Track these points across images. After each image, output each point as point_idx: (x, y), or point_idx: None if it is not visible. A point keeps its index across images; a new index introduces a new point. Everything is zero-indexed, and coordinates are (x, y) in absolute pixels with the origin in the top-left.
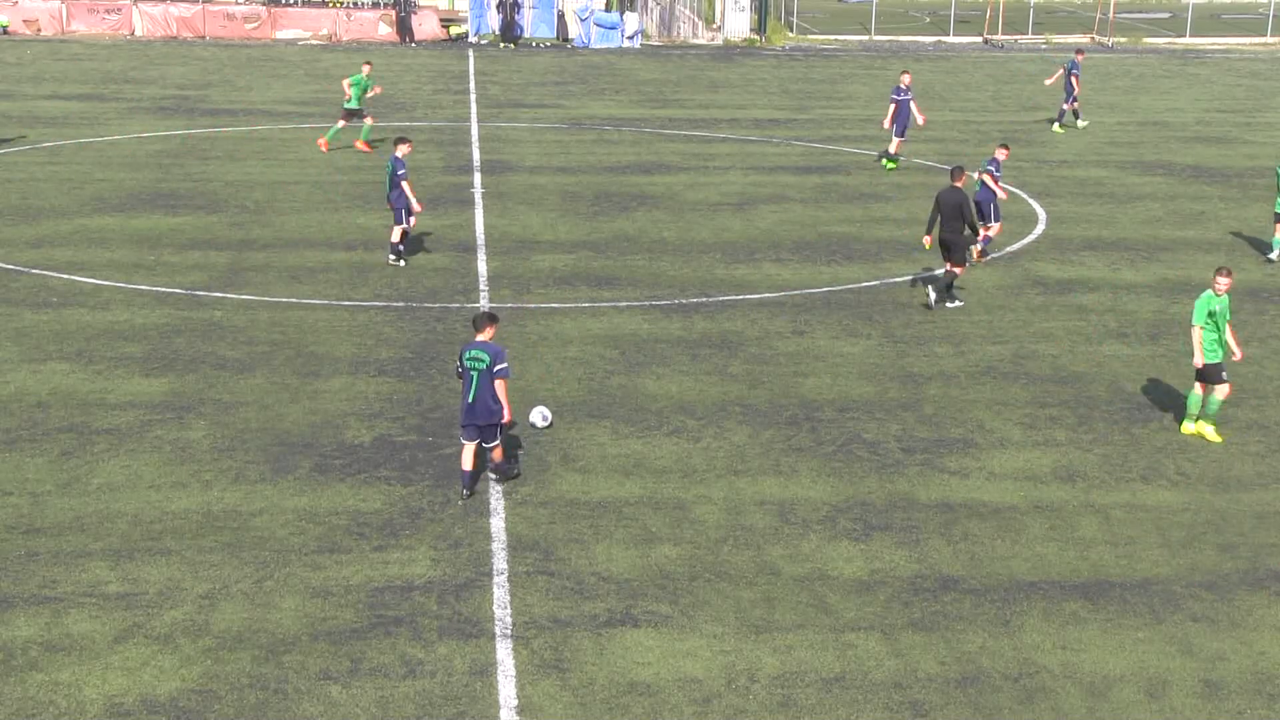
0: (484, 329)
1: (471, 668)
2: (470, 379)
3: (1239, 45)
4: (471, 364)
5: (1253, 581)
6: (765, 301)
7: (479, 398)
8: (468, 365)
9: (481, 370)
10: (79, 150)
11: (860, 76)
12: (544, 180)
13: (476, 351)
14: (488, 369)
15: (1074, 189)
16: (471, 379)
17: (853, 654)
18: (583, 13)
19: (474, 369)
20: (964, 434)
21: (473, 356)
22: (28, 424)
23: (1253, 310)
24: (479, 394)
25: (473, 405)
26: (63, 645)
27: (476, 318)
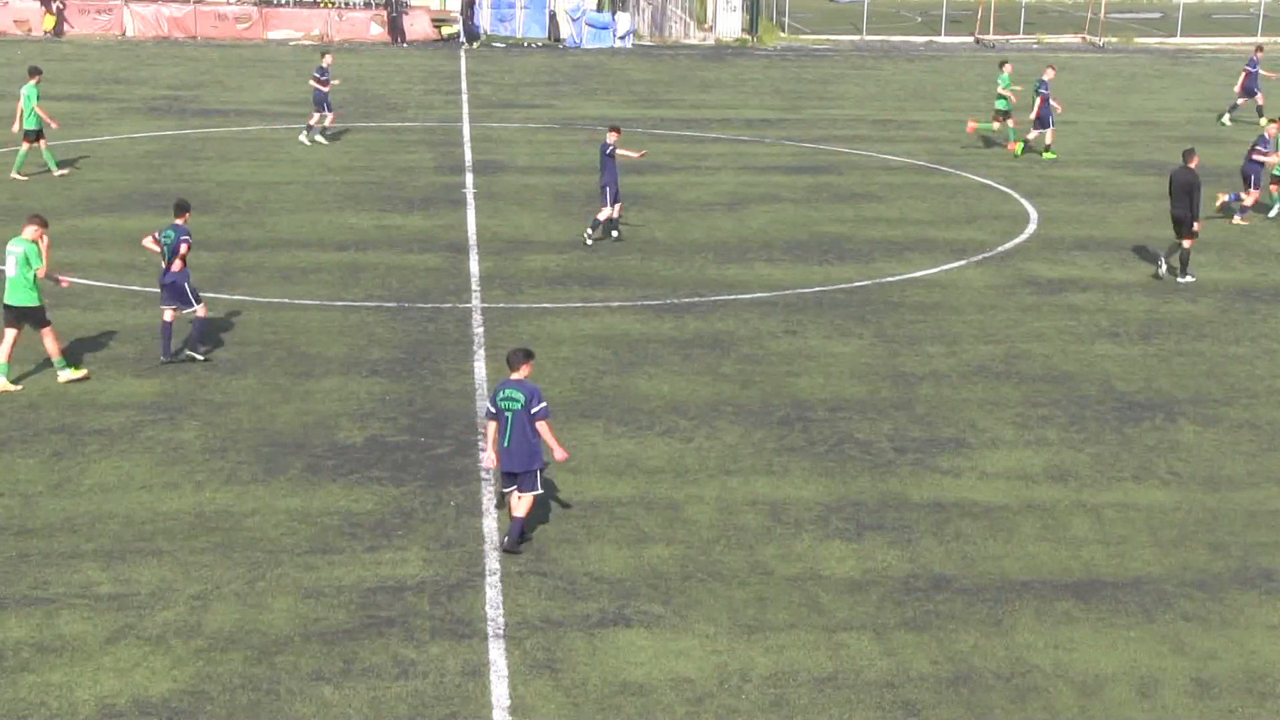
0: (519, 367)
1: (464, 668)
2: (505, 420)
3: (1229, 45)
4: (505, 404)
5: (1244, 580)
6: (757, 301)
7: (515, 442)
8: (502, 406)
9: (517, 410)
10: (70, 151)
11: (852, 76)
12: (536, 180)
13: (511, 390)
14: (524, 409)
15: (1065, 188)
16: (507, 420)
17: (845, 653)
18: (574, 13)
19: (509, 409)
20: (956, 433)
21: (507, 396)
22: (19, 425)
23: (1244, 310)
24: (514, 438)
25: (509, 450)
26: (54, 646)
27: (511, 355)
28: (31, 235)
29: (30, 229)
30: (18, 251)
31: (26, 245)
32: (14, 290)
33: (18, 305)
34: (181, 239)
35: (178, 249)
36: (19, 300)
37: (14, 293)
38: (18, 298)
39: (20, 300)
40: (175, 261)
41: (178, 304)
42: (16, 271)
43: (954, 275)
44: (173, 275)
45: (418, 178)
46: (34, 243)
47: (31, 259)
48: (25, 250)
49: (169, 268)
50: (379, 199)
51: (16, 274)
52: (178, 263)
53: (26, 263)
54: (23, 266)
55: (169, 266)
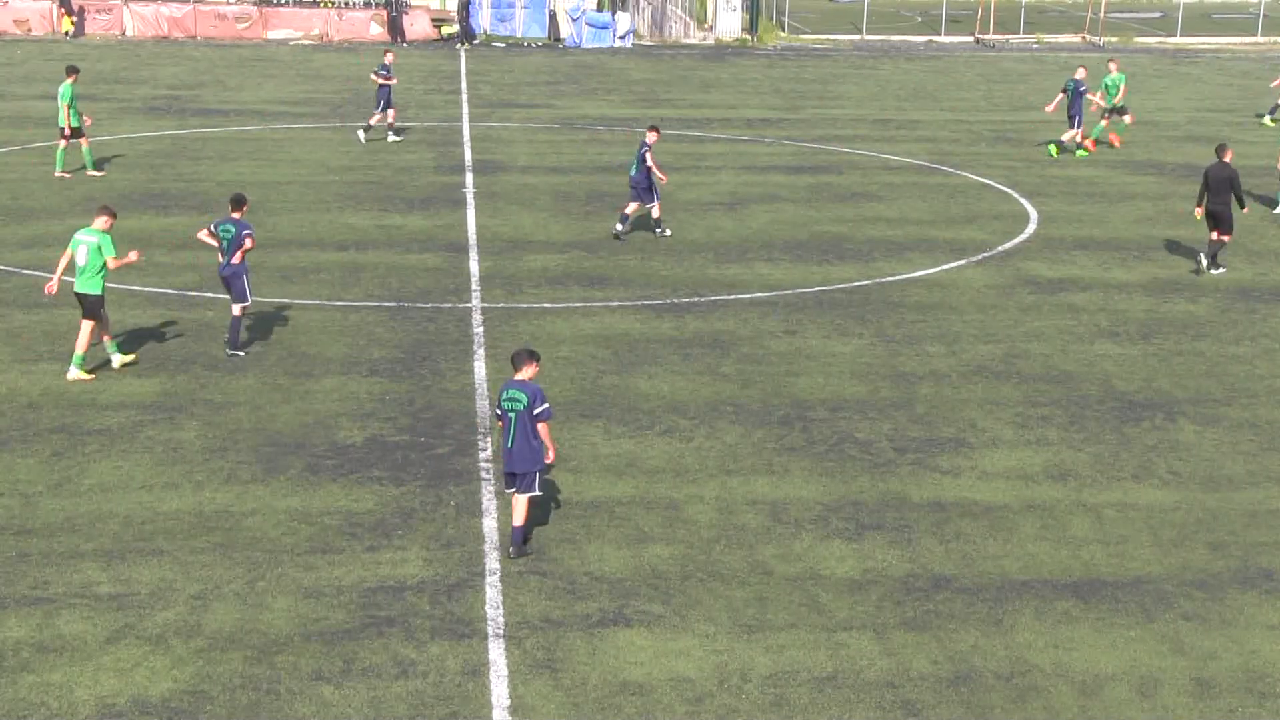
0: (524, 367)
1: (464, 668)
2: (509, 421)
3: (1230, 45)
4: (509, 405)
5: (1244, 580)
6: (757, 301)
7: (517, 442)
8: (505, 407)
9: (520, 411)
10: (70, 151)
11: (852, 76)
12: (536, 180)
13: (514, 391)
14: (526, 410)
15: (1065, 188)
16: (510, 421)
17: (845, 653)
18: (574, 12)
19: (511, 410)
20: (956, 433)
21: (510, 397)
22: (19, 424)
23: (1244, 309)
24: (517, 438)
25: (511, 451)
26: (54, 646)
27: (516, 355)
28: (103, 225)
29: (101, 219)
30: (91, 241)
31: (100, 235)
32: (83, 278)
33: (85, 293)
34: (245, 233)
35: (241, 242)
36: (87, 288)
37: (83, 281)
38: (86, 286)
39: (87, 288)
40: (237, 254)
41: (230, 295)
42: (87, 261)
43: (954, 275)
44: (233, 268)
45: (418, 178)
46: (106, 233)
47: (105, 248)
48: (99, 240)
49: (229, 260)
50: (379, 199)
51: (87, 263)
52: (238, 255)
53: (99, 252)
54: (94, 256)
55: (230, 259)
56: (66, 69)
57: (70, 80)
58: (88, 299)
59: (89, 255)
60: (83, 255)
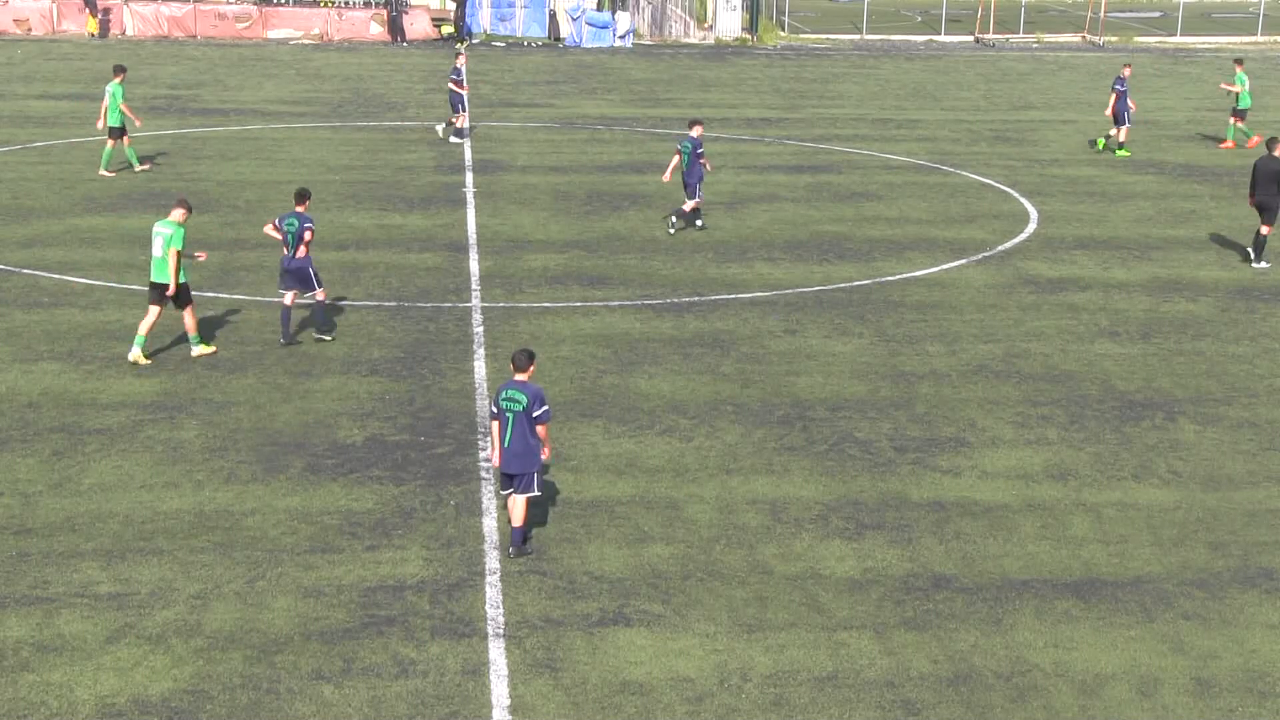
0: (524, 368)
1: (464, 667)
2: (507, 421)
3: (1229, 44)
4: (508, 405)
5: (1244, 579)
6: (757, 301)
7: (514, 443)
8: (504, 406)
9: (518, 412)
10: (70, 150)
11: (852, 76)
12: (536, 179)
13: (513, 391)
14: (525, 411)
15: (1065, 188)
16: (508, 421)
17: (845, 653)
18: (574, 12)
19: (510, 410)
20: (956, 433)
21: (509, 397)
22: (19, 424)
23: (1244, 309)
24: (515, 439)
25: (508, 451)
26: (54, 646)
27: (516, 356)
28: (178, 218)
29: (177, 212)
30: (166, 233)
31: (175, 228)
32: (159, 269)
33: (160, 282)
34: (305, 225)
35: (302, 235)
36: (162, 278)
37: (159, 271)
38: (162, 275)
39: (162, 277)
40: (300, 248)
41: (299, 288)
42: (162, 252)
43: (954, 274)
44: (298, 261)
45: (418, 177)
46: (180, 225)
47: (175, 240)
48: (173, 232)
49: (294, 254)
50: (379, 198)
51: (162, 254)
52: (302, 249)
53: (170, 243)
54: (167, 246)
55: (294, 253)
56: (114, 68)
57: (118, 79)
58: (163, 288)
59: (163, 246)
60: (158, 246)
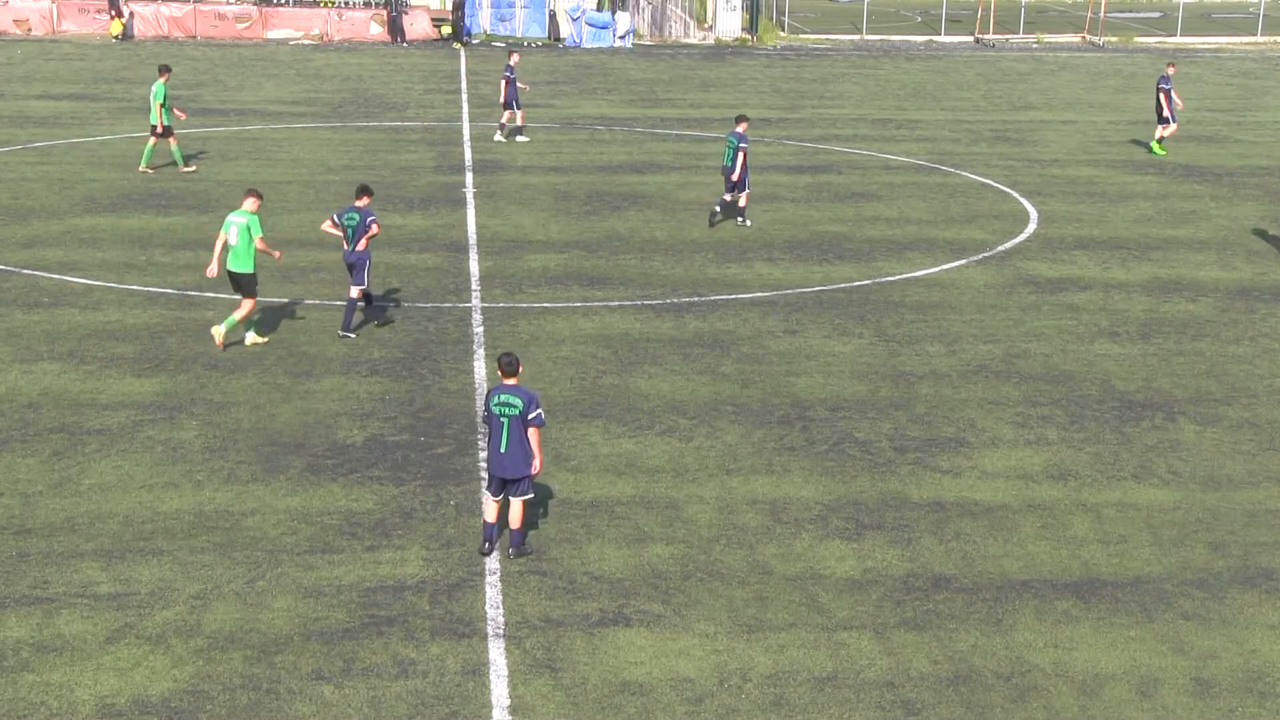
0: (514, 372)
1: (464, 667)
2: (500, 426)
3: (1229, 44)
4: (501, 410)
5: (1244, 580)
6: (757, 301)
7: (511, 448)
8: (496, 411)
9: (513, 417)
10: (70, 150)
11: (852, 76)
12: (536, 180)
13: (507, 396)
14: (520, 416)
15: (1065, 188)
16: (502, 426)
17: (845, 653)
18: (574, 12)
19: (505, 415)
20: (956, 433)
21: (503, 401)
22: (19, 424)
23: (1244, 309)
24: (511, 444)
25: (503, 456)
26: (54, 646)
27: (504, 361)
28: (251, 207)
29: (250, 201)
30: (240, 222)
31: (249, 216)
32: (235, 258)
33: (237, 272)
34: (370, 219)
35: (367, 229)
36: (238, 267)
37: (235, 260)
38: (239, 264)
39: (238, 267)
40: (361, 241)
41: (353, 279)
42: (239, 240)
43: (954, 275)
44: (358, 254)
45: (418, 177)
46: (254, 214)
47: (253, 229)
48: (248, 221)
49: (354, 247)
50: (379, 199)
51: (239, 243)
52: (363, 241)
53: (247, 232)
54: (244, 236)
55: (355, 245)
56: (159, 68)
57: (162, 79)
58: (239, 276)
59: (239, 235)
60: (234, 235)
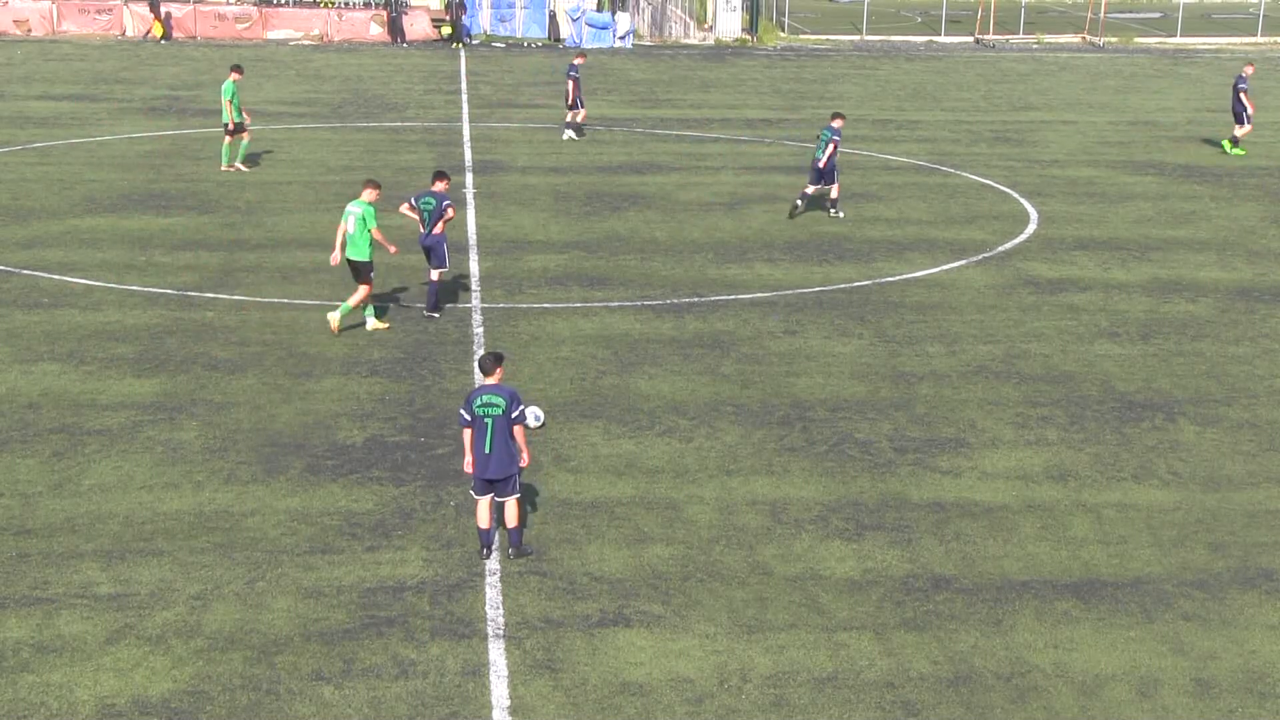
0: (493, 371)
1: (464, 668)
2: (484, 427)
3: (1230, 45)
4: (484, 410)
5: (1244, 580)
6: (757, 301)
7: (497, 448)
8: (479, 413)
9: (497, 417)
10: (70, 151)
11: (852, 76)
12: (536, 180)
13: (489, 396)
14: (505, 415)
15: (1065, 188)
16: (486, 427)
17: (845, 653)
18: (574, 13)
19: (488, 415)
20: (956, 433)
21: (485, 402)
22: (19, 425)
23: (1244, 309)
24: (496, 443)
25: (490, 456)
26: (54, 646)
27: (483, 360)
28: (369, 198)
29: (368, 192)
30: (357, 212)
31: (365, 207)
32: (353, 246)
33: (354, 259)
34: (445, 204)
35: (443, 213)
36: (355, 255)
37: (353, 248)
38: (355, 252)
39: (356, 255)
40: (438, 225)
41: (432, 263)
42: (355, 229)
43: (954, 275)
44: (435, 237)
45: (418, 178)
46: (371, 205)
47: (368, 219)
48: (364, 211)
49: (430, 230)
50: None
51: (355, 231)
52: (440, 225)
53: (364, 222)
54: (360, 225)
55: (431, 229)
56: (231, 67)
57: (233, 78)
58: (356, 264)
59: (356, 224)
60: (351, 225)
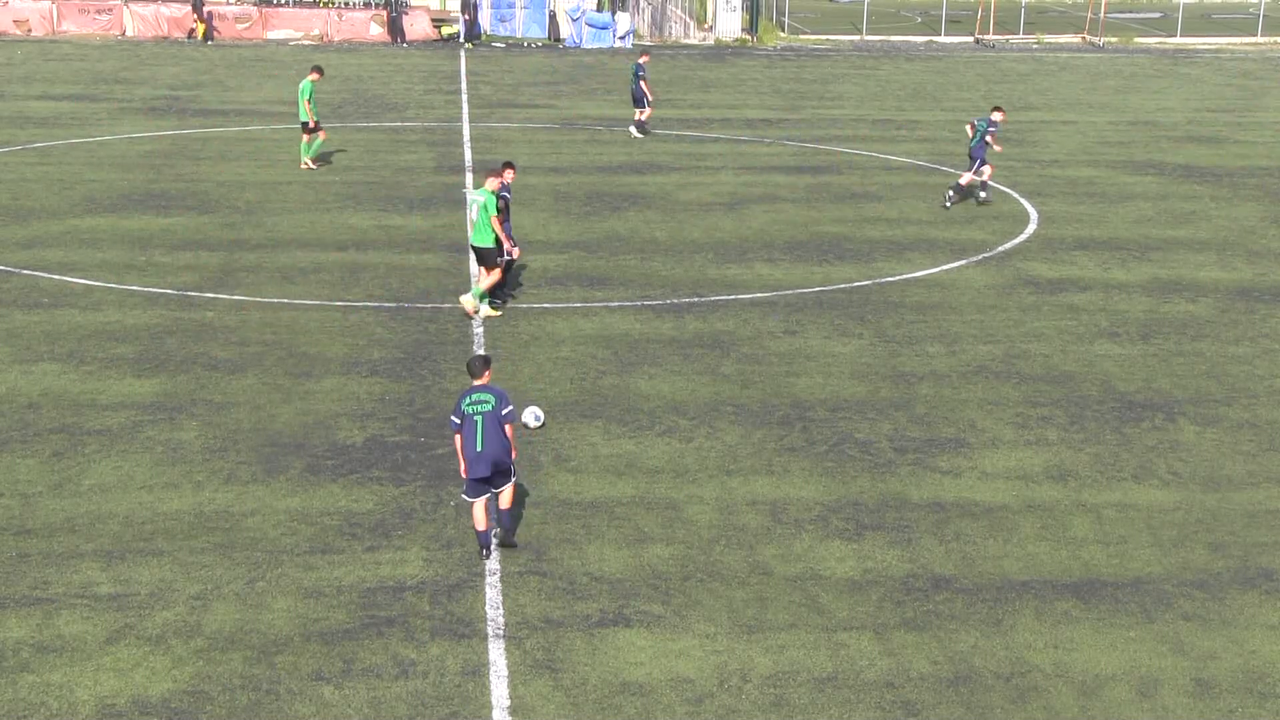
0: (482, 374)
1: (464, 668)
2: (475, 424)
3: (1229, 45)
4: (474, 408)
5: (1244, 580)
6: (757, 301)
7: (489, 443)
8: (469, 411)
9: (487, 413)
10: (70, 151)
11: (852, 76)
12: (536, 180)
13: (479, 395)
14: (495, 411)
15: (1065, 188)
16: (476, 424)
17: (845, 654)
18: (574, 13)
19: (478, 413)
20: (956, 433)
21: (475, 400)
22: (19, 425)
23: (1243, 309)
24: (488, 439)
25: (482, 453)
26: (54, 646)
27: (472, 363)
28: (492, 187)
29: (491, 181)
30: (480, 200)
31: (486, 195)
32: (477, 233)
33: (479, 246)
34: (502, 195)
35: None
36: (480, 242)
37: (477, 235)
38: (479, 239)
39: (480, 241)
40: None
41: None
42: (479, 217)
43: (954, 275)
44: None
45: (418, 178)
46: (494, 194)
47: (489, 207)
48: (485, 199)
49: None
50: (379, 199)
51: (478, 219)
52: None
53: (485, 210)
54: (483, 213)
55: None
56: (312, 67)
57: (312, 78)
58: (480, 250)
59: (479, 212)
60: (475, 212)
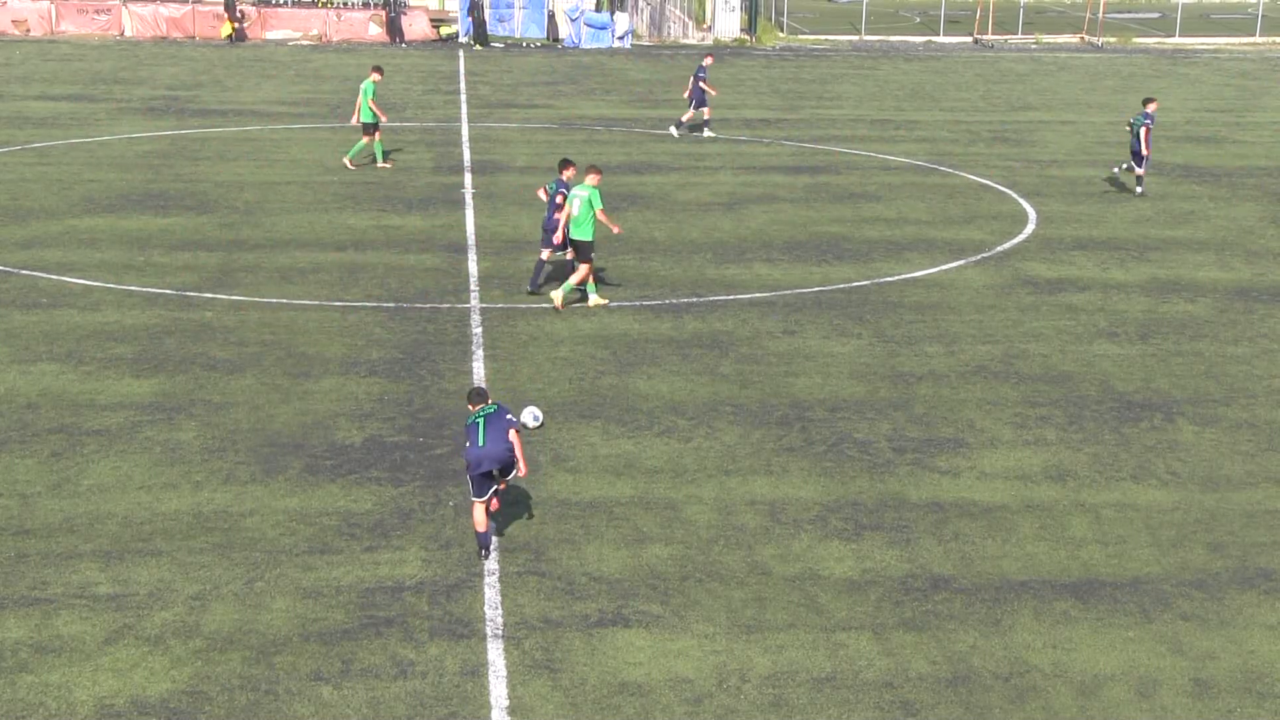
0: (483, 402)
1: (463, 668)
2: (476, 426)
3: (1228, 45)
4: (476, 417)
5: (1242, 580)
6: (756, 301)
7: (490, 440)
8: (471, 420)
9: (489, 414)
10: (68, 151)
11: (850, 76)
12: (535, 180)
13: (481, 408)
14: (497, 414)
15: (1064, 188)
16: (478, 425)
17: (844, 654)
18: (573, 13)
19: (479, 417)
20: (954, 433)
21: (476, 413)
22: (17, 425)
23: (1242, 309)
24: (489, 437)
25: (483, 450)
26: (53, 647)
27: (471, 395)
28: (593, 181)
29: (592, 176)
30: (584, 195)
31: (591, 190)
32: (577, 226)
33: (578, 239)
34: (560, 190)
35: (554, 199)
36: (580, 235)
37: (576, 228)
38: (579, 233)
39: (579, 234)
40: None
41: (549, 246)
42: (580, 211)
43: (953, 275)
44: (555, 221)
45: (417, 178)
46: (595, 188)
47: (594, 201)
48: (589, 194)
49: (551, 214)
50: (378, 199)
51: (579, 213)
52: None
53: (589, 204)
54: (585, 207)
55: (551, 214)
56: (372, 67)
57: (374, 78)
58: (577, 243)
59: (581, 206)
60: (576, 207)
